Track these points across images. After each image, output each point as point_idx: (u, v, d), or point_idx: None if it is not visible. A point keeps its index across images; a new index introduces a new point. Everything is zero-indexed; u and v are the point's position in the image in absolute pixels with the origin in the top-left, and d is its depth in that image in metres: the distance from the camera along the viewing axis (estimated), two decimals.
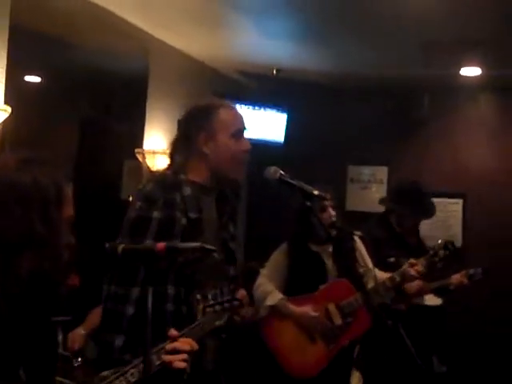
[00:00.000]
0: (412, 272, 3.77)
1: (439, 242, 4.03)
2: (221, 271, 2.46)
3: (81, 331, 3.76)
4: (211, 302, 2.07)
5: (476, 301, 5.88)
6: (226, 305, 2.10)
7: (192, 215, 2.41)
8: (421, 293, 4.32)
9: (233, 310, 2.14)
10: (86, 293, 3.92)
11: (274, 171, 2.55)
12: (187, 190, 2.43)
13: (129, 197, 5.38)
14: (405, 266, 3.81)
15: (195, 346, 1.87)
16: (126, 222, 2.40)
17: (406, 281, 3.83)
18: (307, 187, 2.52)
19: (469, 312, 6.03)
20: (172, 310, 2.30)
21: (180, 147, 2.55)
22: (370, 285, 3.71)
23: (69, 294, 3.69)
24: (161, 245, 1.83)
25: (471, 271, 4.49)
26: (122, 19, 5.08)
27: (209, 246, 1.98)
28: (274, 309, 3.73)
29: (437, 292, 4.47)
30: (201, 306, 2.03)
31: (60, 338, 3.43)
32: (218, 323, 2.08)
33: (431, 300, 4.46)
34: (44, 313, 1.74)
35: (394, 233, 4.43)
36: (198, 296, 2.05)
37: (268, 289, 3.77)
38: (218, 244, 2.41)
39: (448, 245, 4.01)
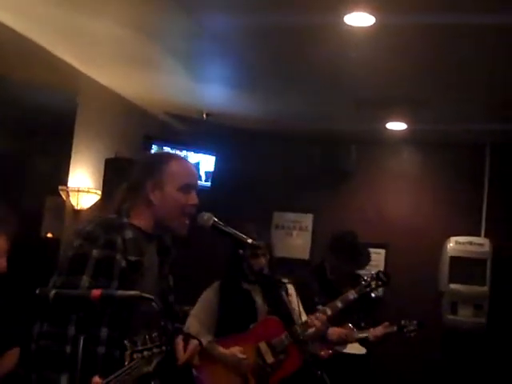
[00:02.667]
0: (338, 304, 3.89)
1: (372, 272, 4.12)
2: (156, 322, 2.41)
3: None
4: (139, 348, 1.99)
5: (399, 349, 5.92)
6: (155, 350, 2.02)
7: (131, 258, 2.36)
8: (342, 340, 4.33)
9: (162, 356, 2.07)
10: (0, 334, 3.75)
11: (208, 218, 2.54)
12: (129, 234, 2.39)
13: (48, 234, 5.26)
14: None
15: None
16: (64, 260, 2.32)
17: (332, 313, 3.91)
18: (240, 236, 2.52)
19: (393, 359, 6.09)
20: (103, 353, 2.22)
21: (128, 194, 2.52)
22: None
23: None
24: (96, 292, 1.77)
25: (403, 322, 4.50)
26: (51, 54, 5.01)
27: (147, 295, 1.94)
28: (202, 352, 3.67)
29: (360, 343, 4.48)
30: (128, 352, 1.95)
31: None
32: (146, 369, 1.99)
33: (355, 348, 4.46)
34: None
35: (327, 281, 4.47)
36: (126, 341, 1.97)
37: (194, 331, 3.71)
38: (156, 294, 2.36)
39: (380, 275, 4.09)
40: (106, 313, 2.21)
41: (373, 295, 4.14)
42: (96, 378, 1.79)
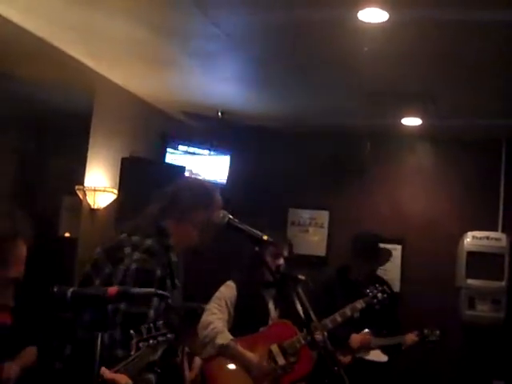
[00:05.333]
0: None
1: (377, 285, 4.26)
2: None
3: (14, 366, 3.62)
4: (145, 337, 2.03)
5: None
6: (160, 339, 2.06)
7: (177, 282, 2.57)
8: (365, 347, 4.36)
9: (167, 344, 2.11)
10: (18, 333, 3.79)
11: (223, 216, 2.59)
12: (174, 257, 2.58)
13: (65, 233, 5.30)
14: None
15: (130, 382, 1.86)
16: (125, 272, 2.43)
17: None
18: (256, 232, 2.56)
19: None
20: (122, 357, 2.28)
21: (169, 213, 2.70)
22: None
23: None
24: (113, 289, 1.81)
25: (426, 331, 4.55)
26: (66, 55, 5.04)
27: (162, 292, 2.03)
28: (223, 348, 3.69)
29: (385, 350, 4.49)
30: (134, 341, 1.99)
31: None
32: (152, 358, 2.04)
33: (377, 356, 4.46)
34: None
35: (349, 282, 4.55)
36: (132, 331, 2.01)
37: (219, 328, 3.73)
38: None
39: (385, 288, 4.29)
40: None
41: (377, 307, 4.24)
42: (104, 369, 1.82)
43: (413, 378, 6.27)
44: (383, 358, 4.46)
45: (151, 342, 2.03)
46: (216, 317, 3.79)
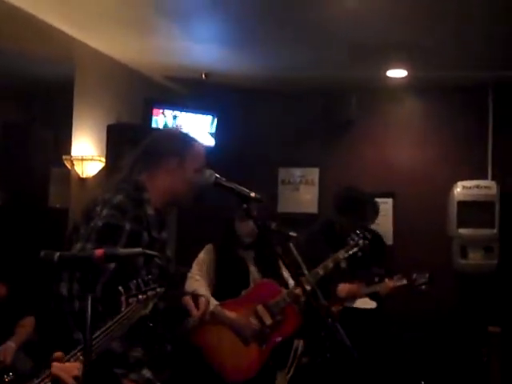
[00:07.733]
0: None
1: (357, 232, 4.18)
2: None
3: (11, 345, 3.64)
4: (134, 292, 2.03)
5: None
6: (150, 293, 2.07)
7: (155, 235, 2.49)
8: (351, 296, 4.38)
9: (157, 298, 2.11)
10: (13, 302, 3.79)
11: (210, 174, 2.56)
12: (150, 209, 2.52)
13: (56, 205, 5.26)
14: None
15: (79, 371, 1.80)
16: (93, 228, 2.39)
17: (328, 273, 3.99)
18: (243, 190, 2.52)
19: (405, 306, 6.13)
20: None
21: (143, 164, 2.63)
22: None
23: None
24: (99, 251, 1.80)
25: (414, 275, 4.51)
26: (45, 23, 4.96)
27: (150, 252, 2.02)
28: (210, 315, 3.69)
29: (370, 297, 4.51)
30: (124, 297, 1.99)
31: None
32: (143, 312, 2.05)
33: (364, 303, 4.49)
34: None
35: (336, 237, 4.49)
36: (120, 288, 2.01)
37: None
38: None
39: (366, 234, 4.17)
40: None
41: (360, 254, 4.19)
42: (58, 353, 1.81)
43: (406, 327, 6.33)
44: (371, 304, 4.48)
45: (140, 297, 2.03)
46: (199, 283, 3.79)
